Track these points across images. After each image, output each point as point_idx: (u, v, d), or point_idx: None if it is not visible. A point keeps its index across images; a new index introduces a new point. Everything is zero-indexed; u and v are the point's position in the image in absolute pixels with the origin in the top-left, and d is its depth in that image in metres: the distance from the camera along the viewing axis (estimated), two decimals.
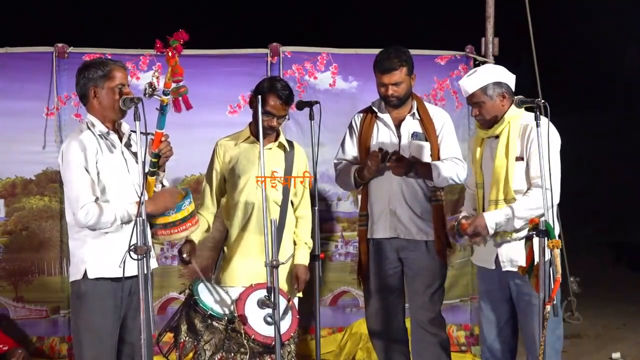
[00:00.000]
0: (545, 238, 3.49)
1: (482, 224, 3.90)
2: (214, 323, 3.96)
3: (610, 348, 6.07)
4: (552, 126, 3.82)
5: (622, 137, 13.73)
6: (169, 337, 4.19)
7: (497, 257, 4.00)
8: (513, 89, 3.98)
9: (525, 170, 3.93)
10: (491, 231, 3.91)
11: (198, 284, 4.11)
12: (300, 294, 4.42)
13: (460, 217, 4.01)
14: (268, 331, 3.88)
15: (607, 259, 10.42)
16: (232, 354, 3.95)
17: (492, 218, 3.89)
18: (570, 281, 6.89)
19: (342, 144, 4.68)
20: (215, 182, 4.40)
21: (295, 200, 4.45)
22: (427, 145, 4.50)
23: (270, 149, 4.30)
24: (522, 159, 3.93)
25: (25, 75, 5.26)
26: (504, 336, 4.11)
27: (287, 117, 4.37)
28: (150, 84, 3.45)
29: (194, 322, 3.97)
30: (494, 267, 4.02)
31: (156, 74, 5.30)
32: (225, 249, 4.43)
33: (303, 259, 4.41)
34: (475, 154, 4.12)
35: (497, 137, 3.99)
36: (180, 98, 3.57)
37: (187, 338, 3.97)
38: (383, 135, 4.54)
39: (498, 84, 3.93)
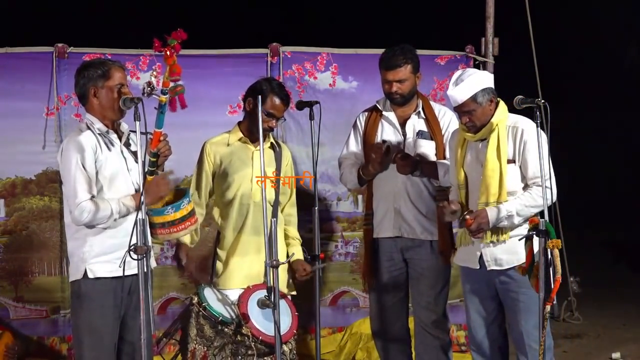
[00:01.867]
0: (545, 238, 3.50)
1: (485, 220, 3.90)
2: (224, 329, 3.96)
3: (610, 348, 6.06)
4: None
5: (622, 136, 13.72)
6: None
7: (480, 256, 4.01)
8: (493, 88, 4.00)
9: (519, 171, 3.94)
10: (491, 225, 3.91)
11: (203, 290, 4.10)
12: (294, 292, 4.42)
13: (465, 213, 3.99)
14: (273, 331, 3.88)
15: (607, 259, 10.43)
16: (240, 357, 3.96)
17: (494, 213, 3.89)
18: (570, 281, 6.89)
19: (347, 143, 4.66)
20: (205, 185, 4.35)
21: (283, 199, 4.43)
22: (432, 144, 4.49)
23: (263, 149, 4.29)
24: (513, 161, 3.94)
25: (25, 75, 5.27)
26: (493, 334, 4.13)
27: (283, 118, 4.38)
28: (149, 83, 3.45)
29: (204, 329, 3.97)
30: (478, 267, 4.04)
31: (154, 73, 5.32)
32: (219, 251, 4.38)
33: (300, 254, 4.42)
34: (457, 155, 4.12)
35: (483, 139, 4.00)
36: (177, 97, 3.57)
37: (197, 345, 3.98)
38: (388, 133, 4.53)
39: (485, 89, 3.93)
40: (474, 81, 3.91)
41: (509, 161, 3.93)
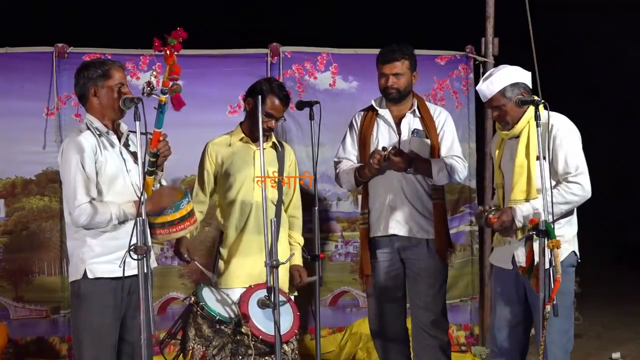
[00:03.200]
0: (545, 238, 3.49)
1: (509, 218, 3.87)
2: (222, 327, 3.96)
3: (610, 348, 6.07)
4: (569, 121, 3.88)
5: (622, 136, 13.73)
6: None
7: (513, 257, 3.97)
8: (530, 86, 3.97)
9: (549, 168, 3.89)
10: (519, 224, 3.87)
11: (202, 290, 4.10)
12: (296, 292, 4.42)
13: (487, 212, 3.96)
14: (273, 330, 3.88)
15: (607, 259, 10.43)
16: (240, 357, 3.95)
17: (520, 212, 3.87)
18: None
19: (343, 143, 4.66)
20: (207, 183, 4.36)
21: (285, 200, 4.43)
22: (427, 143, 4.49)
23: (265, 149, 4.28)
24: (543, 157, 3.91)
25: (25, 75, 5.28)
26: (516, 336, 4.05)
27: (283, 117, 4.38)
28: (149, 83, 3.44)
29: (202, 328, 3.97)
30: (511, 268, 3.99)
31: (154, 73, 5.32)
32: (221, 250, 4.38)
33: (299, 259, 4.41)
34: (495, 154, 4.11)
35: (517, 137, 3.98)
36: (172, 96, 3.55)
37: (195, 345, 3.97)
38: (383, 132, 4.53)
39: (516, 84, 3.91)
40: (503, 76, 3.91)
41: (538, 157, 3.90)
